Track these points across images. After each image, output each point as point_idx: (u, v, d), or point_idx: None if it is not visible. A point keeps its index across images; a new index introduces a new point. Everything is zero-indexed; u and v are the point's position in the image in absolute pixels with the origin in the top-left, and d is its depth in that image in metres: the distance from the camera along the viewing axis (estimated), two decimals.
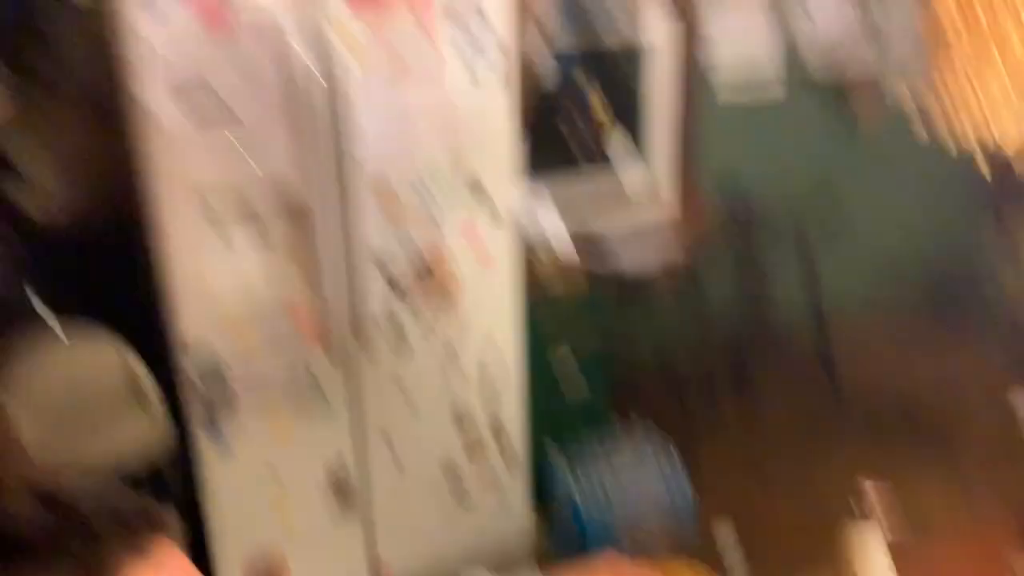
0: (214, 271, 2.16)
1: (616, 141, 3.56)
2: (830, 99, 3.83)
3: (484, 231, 2.46)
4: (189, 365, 2.18)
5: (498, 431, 2.68)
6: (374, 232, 2.31)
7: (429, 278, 2.43)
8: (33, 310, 2.28)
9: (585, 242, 3.10)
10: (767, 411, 3.66)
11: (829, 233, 3.73)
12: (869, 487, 1.18)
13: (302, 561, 2.41)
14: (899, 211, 4.13)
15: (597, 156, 3.55)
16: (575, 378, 3.01)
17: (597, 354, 3.08)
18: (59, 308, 2.28)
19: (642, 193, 3.58)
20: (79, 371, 2.09)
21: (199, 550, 2.29)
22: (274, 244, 2.22)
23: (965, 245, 4.24)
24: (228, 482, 2.28)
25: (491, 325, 2.56)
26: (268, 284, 2.24)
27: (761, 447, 3.40)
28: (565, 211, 3.05)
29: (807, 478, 3.08)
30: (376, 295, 2.36)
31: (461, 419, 2.60)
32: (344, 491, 2.46)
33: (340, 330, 2.33)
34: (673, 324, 3.50)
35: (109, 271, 2.39)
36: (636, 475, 2.91)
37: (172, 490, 2.13)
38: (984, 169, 3.58)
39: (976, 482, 3.08)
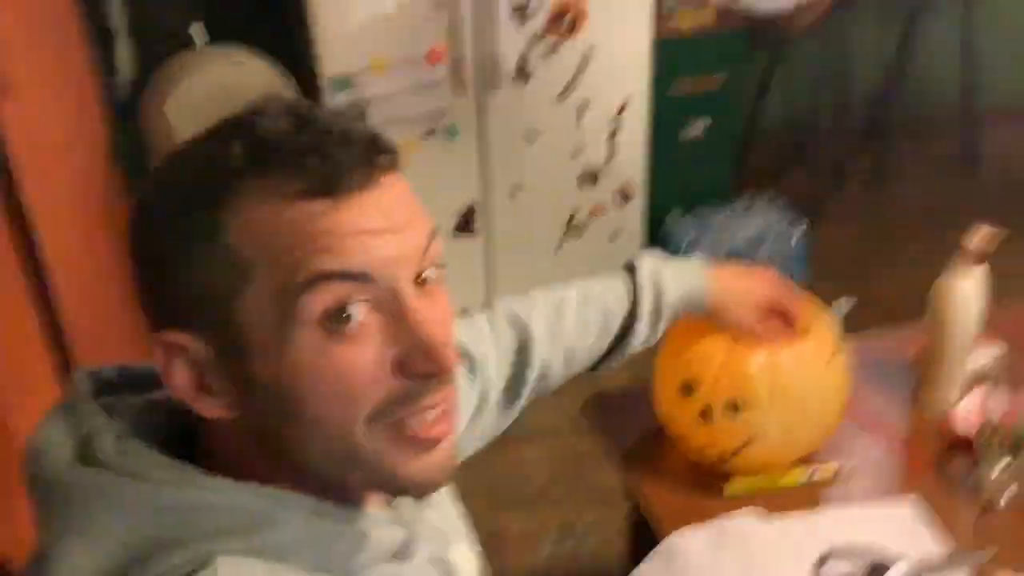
0: (359, 9, 2.24)
1: None
2: None
3: None
4: (333, 98, 2.29)
5: (624, 193, 2.74)
6: None
7: (561, 18, 2.42)
8: (190, 31, 2.41)
9: None
10: (899, 193, 3.57)
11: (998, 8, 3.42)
12: (982, 231, 1.17)
13: None
14: None
15: None
16: (702, 132, 2.99)
17: (727, 111, 3.03)
18: (213, 30, 2.41)
19: None
20: (233, 87, 2.24)
21: None
22: None
23: None
24: None
25: (623, 71, 2.56)
26: (410, 24, 2.29)
27: (889, 231, 3.34)
28: None
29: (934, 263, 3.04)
30: (512, 39, 2.38)
31: (586, 179, 2.66)
32: (469, 219, 2.60)
33: (476, 73, 2.38)
34: (807, 78, 3.35)
35: (264, 5, 2.50)
36: (756, 245, 2.94)
37: None
38: None
39: None
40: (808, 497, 1.16)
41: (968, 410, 1.21)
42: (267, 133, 0.57)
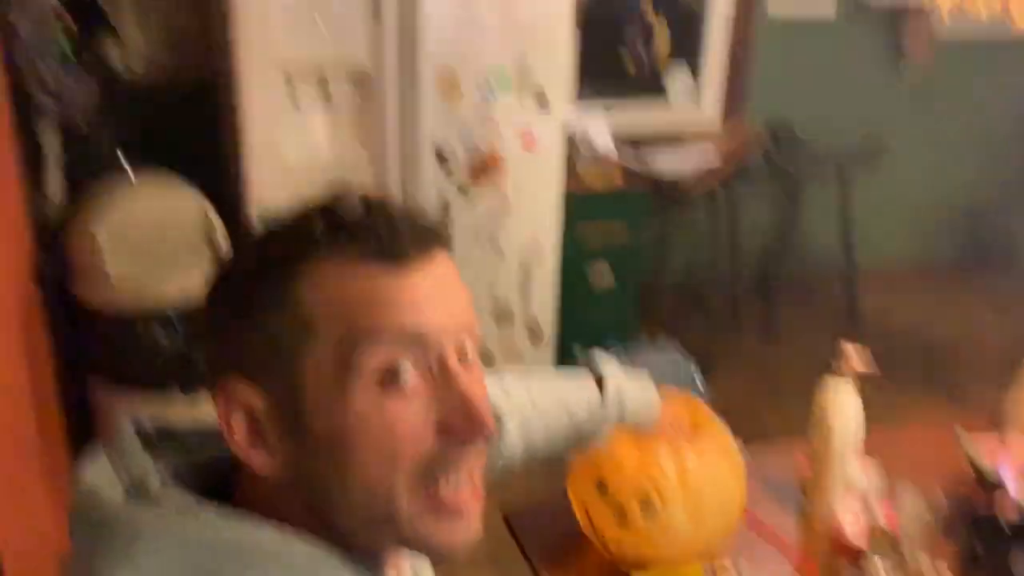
0: (288, 139, 2.38)
1: (674, 72, 3.67)
2: (881, 27, 3.89)
3: (537, 130, 2.63)
4: (258, 221, 2.38)
5: (534, 331, 2.87)
6: (436, 120, 2.48)
7: (482, 171, 2.61)
8: (120, 159, 2.49)
9: (628, 146, 3.24)
10: (787, 344, 3.80)
11: (869, 168, 3.80)
12: (851, 348, 1.33)
13: None
14: (939, 155, 4.19)
15: (651, 84, 3.67)
16: (608, 279, 3.17)
17: (629, 262, 3.24)
18: (144, 159, 2.50)
19: (690, 115, 3.70)
20: (161, 215, 2.32)
21: None
22: (343, 122, 2.42)
23: (1003, 201, 4.32)
24: None
25: (536, 220, 2.74)
26: (335, 159, 2.44)
27: (779, 379, 3.55)
28: (614, 124, 3.20)
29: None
30: (431, 181, 2.54)
31: (500, 317, 2.79)
32: None
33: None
34: (704, 235, 3.62)
35: (190, 128, 2.61)
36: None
37: None
38: None
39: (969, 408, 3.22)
40: None
41: (852, 517, 1.32)
42: (344, 212, 0.66)
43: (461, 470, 0.67)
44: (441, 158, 2.55)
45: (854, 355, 1.33)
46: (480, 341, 0.72)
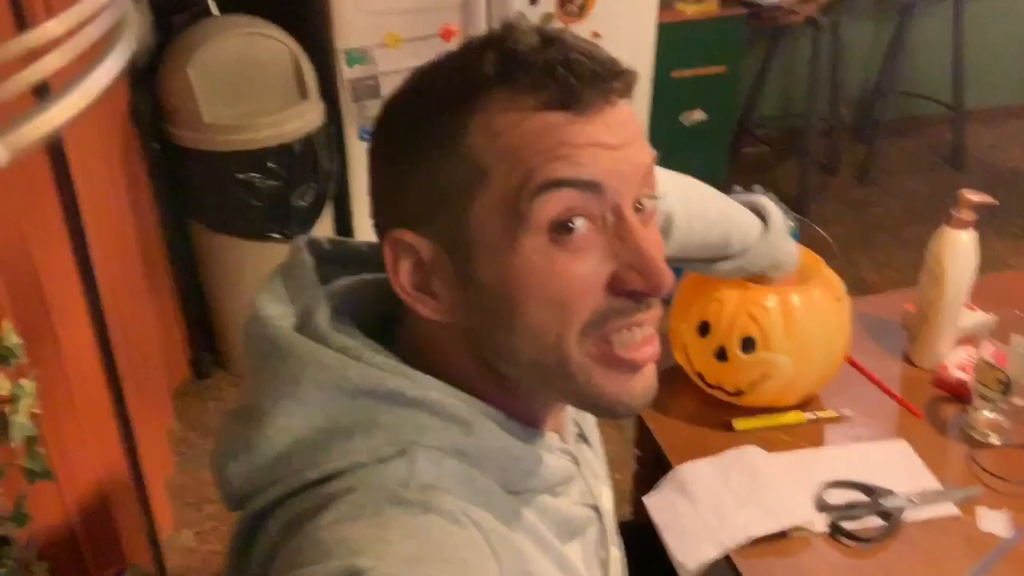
0: None
1: None
2: None
3: None
4: (347, 69, 2.36)
5: None
6: None
7: (574, 4, 2.50)
8: (210, 4, 2.47)
9: None
10: (887, 187, 3.67)
11: (983, 2, 3.52)
12: (969, 195, 1.25)
13: None
14: None
15: None
16: (700, 116, 3.07)
17: (724, 97, 3.12)
18: (236, 6, 2.46)
19: None
20: (251, 55, 2.30)
21: (343, 221, 2.57)
22: None
23: None
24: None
25: (629, 54, 2.62)
26: (424, 1, 2.36)
27: (878, 223, 3.44)
28: None
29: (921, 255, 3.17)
30: (520, 15, 2.45)
31: None
32: None
33: None
34: (804, 68, 3.44)
35: None
36: None
37: (327, 167, 2.38)
38: None
39: None
40: (810, 437, 1.24)
41: (959, 362, 1.30)
42: (517, 46, 0.61)
43: (635, 325, 0.64)
44: None
45: (973, 202, 1.25)
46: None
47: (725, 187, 3.23)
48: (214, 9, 2.53)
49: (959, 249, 1.26)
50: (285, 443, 0.63)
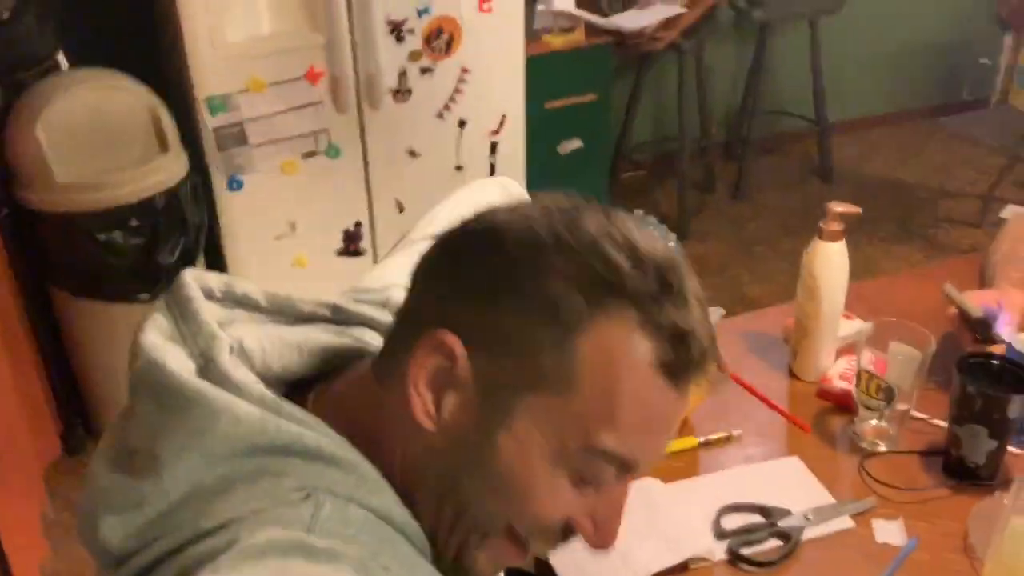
0: (229, 21, 2.23)
1: None
2: None
3: None
4: (210, 118, 2.27)
5: None
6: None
7: (438, 39, 2.48)
8: (54, 52, 2.34)
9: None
10: (760, 203, 3.77)
11: (839, 18, 3.68)
12: (835, 207, 1.27)
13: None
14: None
15: None
16: (576, 145, 3.10)
17: (597, 125, 3.15)
18: (88, 59, 2.35)
19: None
20: (105, 110, 2.19)
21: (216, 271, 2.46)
22: (291, 6, 2.27)
23: (970, 39, 4.24)
24: (242, 220, 2.40)
25: (499, 87, 2.63)
26: (282, 38, 2.30)
27: (754, 238, 3.53)
28: None
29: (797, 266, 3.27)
30: (386, 55, 2.42)
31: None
32: (356, 238, 2.60)
33: (356, 92, 2.40)
34: (672, 93, 3.52)
35: (123, 17, 2.45)
36: None
37: (194, 221, 2.27)
38: None
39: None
40: (703, 463, 1.22)
41: (841, 373, 1.31)
42: (675, 300, 0.61)
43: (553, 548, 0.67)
44: (395, 28, 2.42)
45: (840, 213, 1.27)
46: None
47: None
48: (63, 64, 2.40)
49: (831, 261, 1.27)
50: (181, 494, 0.58)
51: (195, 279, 0.69)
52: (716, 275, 3.28)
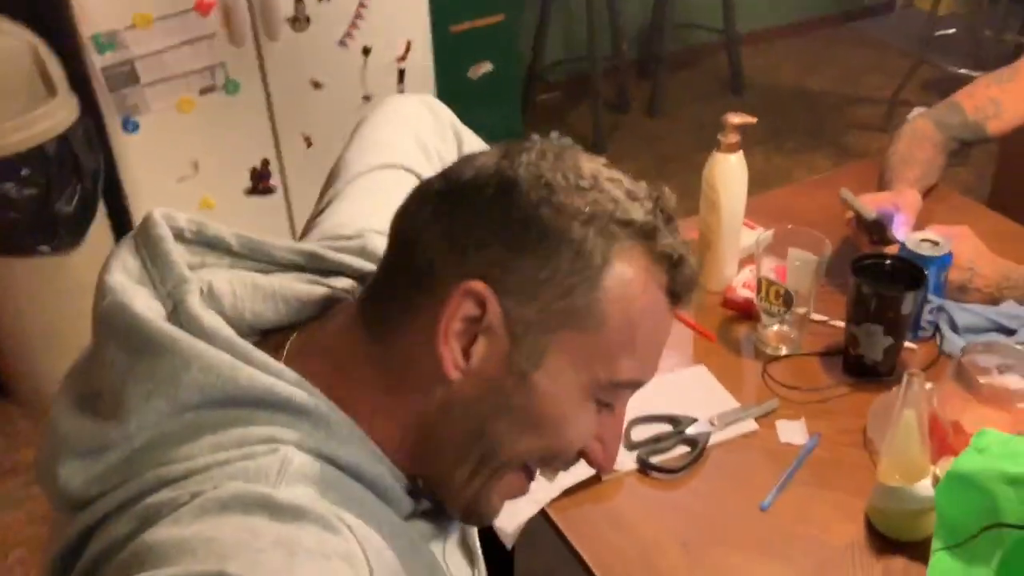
0: None
1: None
2: None
3: None
4: (98, 57, 2.16)
5: None
6: None
7: None
8: None
9: None
10: (674, 112, 3.79)
11: None
12: (732, 118, 1.28)
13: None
14: None
15: None
16: (487, 69, 3.05)
17: (508, 49, 3.11)
18: None
19: None
20: None
21: (119, 221, 2.38)
22: None
23: None
24: (141, 163, 2.32)
25: (404, 12, 2.56)
26: None
27: (670, 153, 3.55)
28: None
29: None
30: None
31: None
32: (264, 175, 2.53)
33: (248, 18, 2.31)
34: (582, 14, 3.47)
35: None
36: None
37: (89, 167, 2.18)
38: None
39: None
40: None
41: (745, 281, 1.34)
42: (672, 231, 0.67)
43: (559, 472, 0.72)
44: None
45: (737, 124, 1.28)
46: None
47: (522, 136, 3.24)
48: None
49: (730, 172, 1.28)
50: (146, 439, 0.57)
51: (164, 218, 0.66)
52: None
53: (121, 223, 2.40)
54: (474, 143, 1.06)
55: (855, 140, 3.60)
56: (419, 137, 0.96)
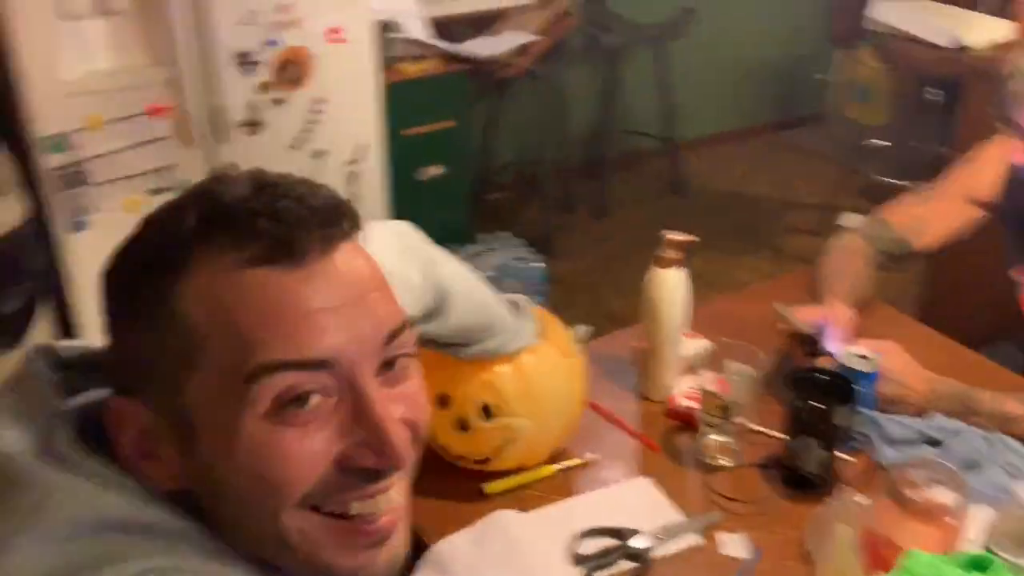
0: (69, 66, 2.15)
1: None
2: None
3: (343, 21, 2.49)
4: (48, 159, 2.18)
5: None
6: (229, 19, 2.30)
7: (289, 71, 2.45)
8: None
9: (442, 28, 3.15)
10: (619, 214, 3.89)
11: (682, 37, 3.84)
12: (672, 236, 1.33)
13: None
14: (747, 19, 4.31)
15: None
16: (437, 172, 3.12)
17: (458, 152, 3.19)
18: None
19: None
20: None
21: (64, 318, 2.35)
22: (124, 29, 2.21)
23: (805, 57, 4.51)
24: (88, 262, 2.31)
25: (356, 117, 2.62)
26: (121, 71, 2.23)
27: (615, 254, 3.63)
28: (424, 6, 3.08)
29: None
30: (235, 88, 2.38)
31: None
32: None
33: (200, 124, 2.35)
34: (529, 118, 3.59)
35: None
36: (498, 281, 3.10)
37: (35, 267, 2.16)
38: None
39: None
40: (560, 488, 1.25)
41: (686, 392, 1.37)
42: (222, 197, 0.56)
43: (372, 492, 0.60)
44: (242, 59, 2.38)
45: (675, 242, 1.33)
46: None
47: (469, 236, 3.27)
48: None
49: (669, 286, 1.33)
50: None
51: (40, 353, 0.66)
52: (582, 292, 3.36)
53: (66, 325, 2.37)
54: (445, 268, 1.07)
55: (790, 242, 3.73)
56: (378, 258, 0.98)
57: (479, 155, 3.66)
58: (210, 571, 0.59)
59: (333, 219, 0.58)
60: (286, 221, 0.55)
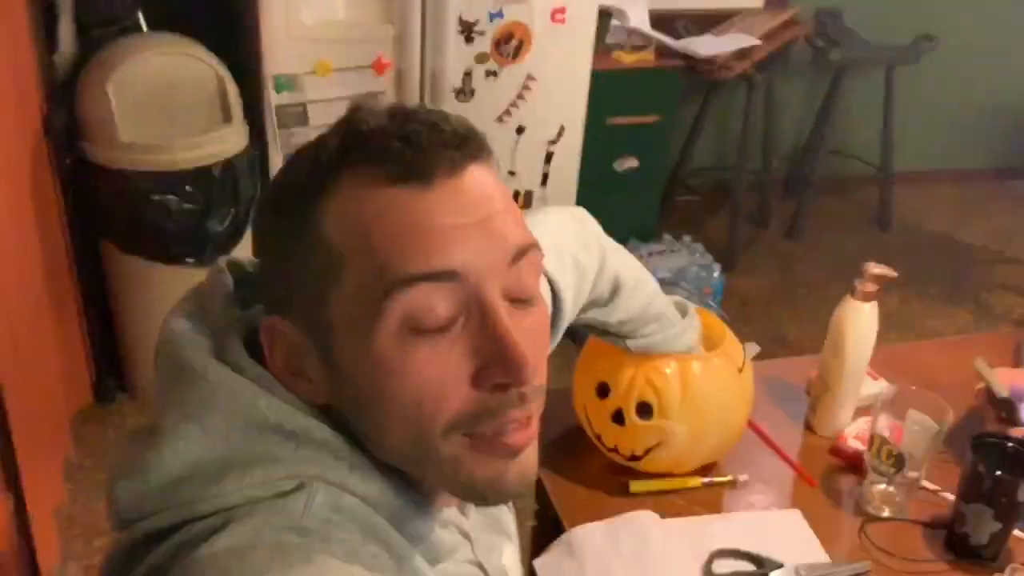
0: (309, 10, 2.28)
1: None
2: None
3: (568, 2, 2.50)
4: (275, 95, 2.32)
5: None
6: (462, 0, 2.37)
7: (508, 44, 2.50)
8: (135, 14, 2.41)
9: (664, 23, 3.12)
10: (813, 245, 3.73)
11: (915, 66, 3.62)
12: (873, 268, 1.26)
13: None
14: (989, 57, 4.00)
15: None
16: (632, 165, 3.10)
17: (657, 147, 3.15)
18: (158, 18, 2.41)
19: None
20: (175, 75, 2.25)
21: None
22: None
23: None
24: None
25: (562, 99, 2.64)
26: (354, 27, 2.34)
27: (801, 279, 3.49)
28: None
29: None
30: (455, 54, 2.44)
31: (519, 200, 2.73)
32: None
33: (420, 86, 2.43)
34: (736, 123, 3.49)
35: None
36: (671, 287, 3.05)
37: (247, 193, 2.32)
38: None
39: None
40: (705, 502, 1.22)
41: (857, 433, 1.30)
42: (360, 125, 0.60)
43: (508, 420, 0.61)
44: (466, 28, 2.45)
45: (876, 275, 1.26)
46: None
47: (656, 234, 3.24)
48: (144, 25, 2.47)
49: (861, 320, 1.26)
50: (180, 468, 0.61)
51: (227, 265, 0.71)
52: (758, 311, 3.25)
53: None
54: (616, 257, 1.07)
55: (998, 300, 3.46)
56: (556, 240, 0.99)
57: (678, 154, 3.59)
58: (352, 482, 0.62)
59: (461, 143, 0.60)
60: (416, 143, 0.58)
